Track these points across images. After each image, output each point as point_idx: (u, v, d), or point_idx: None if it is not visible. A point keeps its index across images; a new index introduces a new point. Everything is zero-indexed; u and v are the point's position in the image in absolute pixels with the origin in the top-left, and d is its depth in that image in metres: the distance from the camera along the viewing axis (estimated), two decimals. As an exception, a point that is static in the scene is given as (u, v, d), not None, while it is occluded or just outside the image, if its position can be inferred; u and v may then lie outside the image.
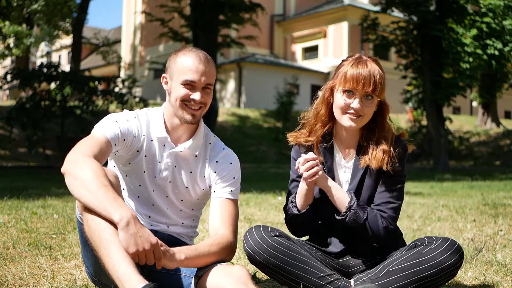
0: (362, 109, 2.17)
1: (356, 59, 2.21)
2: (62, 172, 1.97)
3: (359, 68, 2.17)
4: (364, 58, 2.22)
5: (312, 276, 2.11)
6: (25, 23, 21.80)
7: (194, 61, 2.16)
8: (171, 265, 1.92)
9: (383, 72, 2.21)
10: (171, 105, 2.21)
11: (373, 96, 2.17)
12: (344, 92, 2.19)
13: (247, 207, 5.62)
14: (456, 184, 9.54)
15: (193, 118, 2.19)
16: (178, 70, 2.17)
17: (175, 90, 2.18)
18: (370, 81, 2.15)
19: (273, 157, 19.79)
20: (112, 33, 40.00)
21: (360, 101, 2.17)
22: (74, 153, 2.00)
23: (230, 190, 2.25)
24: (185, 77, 2.15)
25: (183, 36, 18.25)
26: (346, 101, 2.18)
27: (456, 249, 2.07)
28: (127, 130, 2.17)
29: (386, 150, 2.21)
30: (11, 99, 31.78)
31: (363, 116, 2.19)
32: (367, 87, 2.15)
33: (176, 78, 2.18)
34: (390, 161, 2.21)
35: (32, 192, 6.47)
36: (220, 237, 2.12)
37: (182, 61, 2.17)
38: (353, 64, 2.19)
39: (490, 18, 16.79)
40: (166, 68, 2.24)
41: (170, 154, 2.25)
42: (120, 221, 1.82)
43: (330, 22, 30.03)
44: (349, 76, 2.17)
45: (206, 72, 2.17)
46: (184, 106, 2.18)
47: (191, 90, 2.16)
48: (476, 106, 28.29)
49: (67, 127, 16.32)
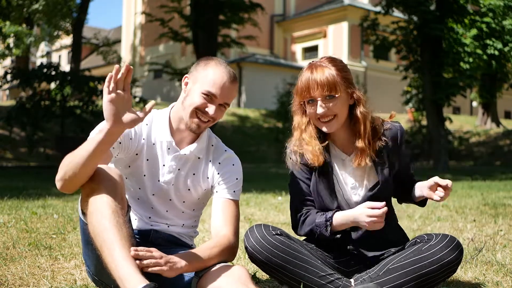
0: (327, 111, 2.17)
1: (305, 69, 2.24)
2: (56, 181, 1.98)
3: (305, 76, 2.20)
4: (312, 65, 2.22)
5: (313, 275, 2.11)
6: (25, 23, 21.82)
7: (223, 76, 2.16)
8: (173, 275, 1.92)
9: (338, 66, 2.20)
10: (183, 107, 2.20)
11: (331, 94, 2.17)
12: (306, 103, 2.22)
13: (247, 207, 5.62)
14: (456, 184, 9.53)
15: (198, 129, 2.19)
16: (205, 78, 2.15)
17: (193, 95, 2.16)
18: (318, 84, 2.15)
19: (273, 157, 19.78)
20: (112, 33, 39.97)
21: (321, 104, 2.17)
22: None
23: (232, 191, 2.26)
24: (209, 88, 2.14)
25: (183, 36, 18.25)
26: (311, 110, 2.21)
27: (455, 245, 2.08)
28: (123, 133, 2.16)
29: (360, 148, 2.22)
30: (11, 99, 31.76)
31: (336, 115, 2.20)
32: (318, 92, 2.16)
33: (199, 85, 2.16)
34: (369, 156, 2.22)
35: (32, 192, 6.47)
36: (221, 239, 2.13)
37: (211, 72, 2.16)
38: (300, 75, 2.23)
39: (490, 18, 16.79)
40: (192, 70, 2.23)
41: (175, 157, 2.25)
42: None
43: (330, 22, 30.02)
44: (299, 89, 2.21)
45: (230, 92, 2.18)
46: (195, 115, 2.17)
47: (209, 102, 2.15)
48: (476, 106, 28.29)
49: (67, 127, 16.32)
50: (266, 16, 26.23)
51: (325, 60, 2.23)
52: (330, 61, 2.22)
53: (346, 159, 2.31)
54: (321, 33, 30.34)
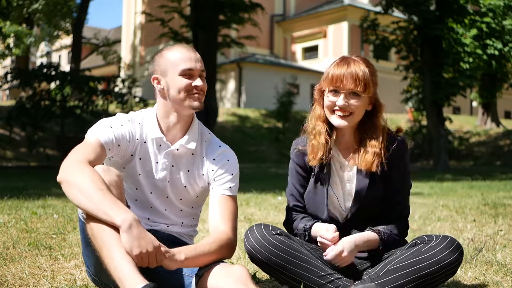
0: (347, 106, 2.20)
1: (340, 60, 2.27)
2: (58, 181, 1.97)
3: (341, 67, 2.22)
4: (349, 58, 2.25)
5: (313, 275, 2.12)
6: (25, 23, 21.82)
7: (183, 51, 2.20)
8: (172, 266, 1.92)
9: (372, 69, 2.24)
10: (172, 101, 2.21)
11: (358, 93, 2.19)
12: (330, 92, 2.23)
13: (247, 207, 5.62)
14: (456, 184, 9.54)
15: (200, 104, 2.20)
16: (172, 63, 2.18)
17: (174, 83, 2.17)
18: (352, 78, 2.18)
19: (273, 157, 19.79)
20: (112, 33, 39.97)
21: (344, 98, 2.20)
22: (68, 160, 2.00)
23: (228, 186, 2.25)
24: (182, 67, 2.16)
25: (183, 36, 18.24)
26: (331, 100, 2.22)
27: (455, 246, 2.08)
28: (121, 136, 2.16)
29: (376, 152, 2.22)
30: (11, 99, 31.75)
31: (352, 113, 2.21)
32: (349, 84, 2.18)
33: (171, 73, 2.18)
34: (381, 163, 2.22)
35: (32, 192, 6.47)
36: (219, 235, 2.12)
37: (172, 55, 2.19)
38: (336, 64, 2.24)
39: (490, 18, 16.80)
40: (154, 69, 2.24)
41: (167, 153, 2.24)
42: (123, 223, 1.82)
43: (330, 22, 30.03)
44: (331, 76, 2.22)
45: (199, 59, 2.21)
46: (189, 95, 2.18)
47: (191, 78, 2.17)
48: (476, 106, 28.30)
49: (67, 127, 16.32)
50: (266, 16, 26.22)
51: (360, 59, 2.26)
52: (365, 61, 2.26)
53: (344, 165, 2.31)
54: (321, 33, 30.34)
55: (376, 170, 2.22)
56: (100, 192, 1.87)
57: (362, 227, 2.29)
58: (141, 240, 1.82)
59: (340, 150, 2.33)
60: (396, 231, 2.27)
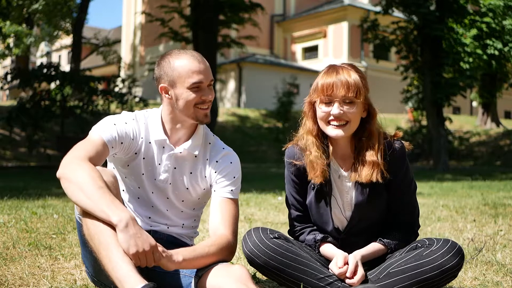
0: (343, 114, 2.14)
1: (328, 68, 2.22)
2: (58, 176, 1.97)
3: (330, 75, 2.16)
4: (337, 66, 2.21)
5: (312, 278, 2.11)
6: (25, 23, 21.81)
7: (193, 62, 2.14)
8: (170, 267, 1.91)
9: (361, 74, 2.19)
10: (180, 112, 2.18)
11: (351, 99, 2.14)
12: (322, 103, 2.18)
13: (247, 207, 5.62)
14: (456, 184, 9.53)
15: (207, 117, 2.20)
16: (180, 75, 2.13)
17: (183, 96, 2.14)
18: (343, 85, 2.12)
19: (273, 157, 19.78)
20: (112, 33, 39.96)
21: (338, 106, 2.14)
22: (69, 157, 2.00)
23: (230, 189, 2.24)
24: (191, 80, 2.12)
25: (183, 36, 18.23)
26: (325, 111, 2.16)
27: (457, 251, 2.07)
28: (124, 133, 2.16)
29: (374, 162, 2.17)
30: (11, 99, 31.74)
31: (349, 122, 2.16)
32: (341, 91, 2.12)
33: (180, 85, 2.14)
34: (381, 172, 2.17)
35: (32, 192, 6.47)
36: (219, 237, 2.11)
37: (180, 65, 2.13)
38: (324, 73, 2.19)
39: (490, 18, 16.78)
40: (161, 76, 2.18)
41: (170, 156, 2.24)
42: (119, 222, 1.82)
43: (330, 22, 30.02)
44: (322, 85, 2.16)
45: (207, 69, 2.17)
46: (197, 109, 2.16)
47: (200, 92, 2.15)
48: (476, 106, 28.28)
49: (67, 127, 16.33)
50: (266, 16, 26.22)
51: (348, 65, 2.21)
52: (353, 67, 2.21)
53: (343, 175, 2.27)
54: (321, 33, 30.34)
55: (376, 179, 2.17)
56: (99, 190, 1.87)
57: (365, 234, 2.29)
58: (138, 239, 1.82)
59: (337, 160, 2.28)
60: (405, 240, 2.26)
